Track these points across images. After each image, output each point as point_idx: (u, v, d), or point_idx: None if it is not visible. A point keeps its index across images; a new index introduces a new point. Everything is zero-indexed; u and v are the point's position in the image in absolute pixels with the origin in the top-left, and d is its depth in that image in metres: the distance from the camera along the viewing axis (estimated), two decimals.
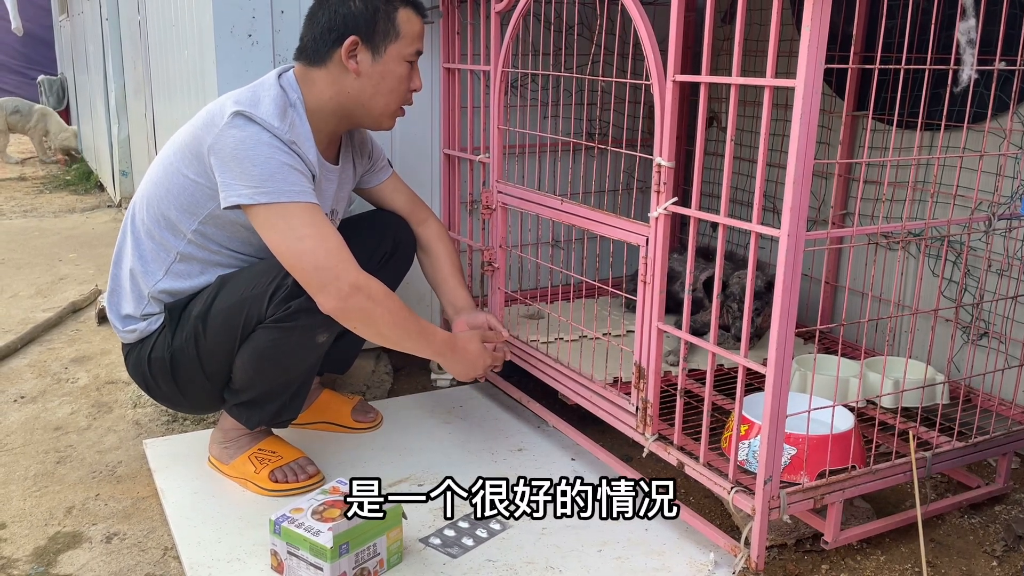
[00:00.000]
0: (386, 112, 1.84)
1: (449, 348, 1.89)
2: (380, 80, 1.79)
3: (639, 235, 1.72)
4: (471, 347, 1.93)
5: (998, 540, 1.79)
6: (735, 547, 1.61)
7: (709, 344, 1.59)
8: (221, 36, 2.16)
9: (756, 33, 2.41)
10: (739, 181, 2.65)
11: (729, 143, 1.49)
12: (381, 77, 1.79)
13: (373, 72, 1.78)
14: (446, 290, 2.13)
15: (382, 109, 1.83)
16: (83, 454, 2.16)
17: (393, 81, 1.80)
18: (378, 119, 1.86)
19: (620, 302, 2.59)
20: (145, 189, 1.86)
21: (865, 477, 1.64)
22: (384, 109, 1.83)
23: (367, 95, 1.80)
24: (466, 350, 1.92)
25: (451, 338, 1.91)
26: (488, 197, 2.21)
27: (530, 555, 1.69)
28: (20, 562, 1.72)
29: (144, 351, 1.86)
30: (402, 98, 1.85)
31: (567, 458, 2.09)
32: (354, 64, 1.76)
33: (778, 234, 1.41)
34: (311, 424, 2.21)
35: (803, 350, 2.26)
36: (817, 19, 1.30)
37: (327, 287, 1.66)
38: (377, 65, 1.78)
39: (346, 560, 1.54)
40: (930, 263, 2.20)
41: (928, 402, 1.91)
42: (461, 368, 1.93)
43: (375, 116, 1.85)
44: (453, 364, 1.92)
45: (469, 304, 2.11)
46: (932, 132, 2.13)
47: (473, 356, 1.93)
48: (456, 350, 1.90)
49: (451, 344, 1.90)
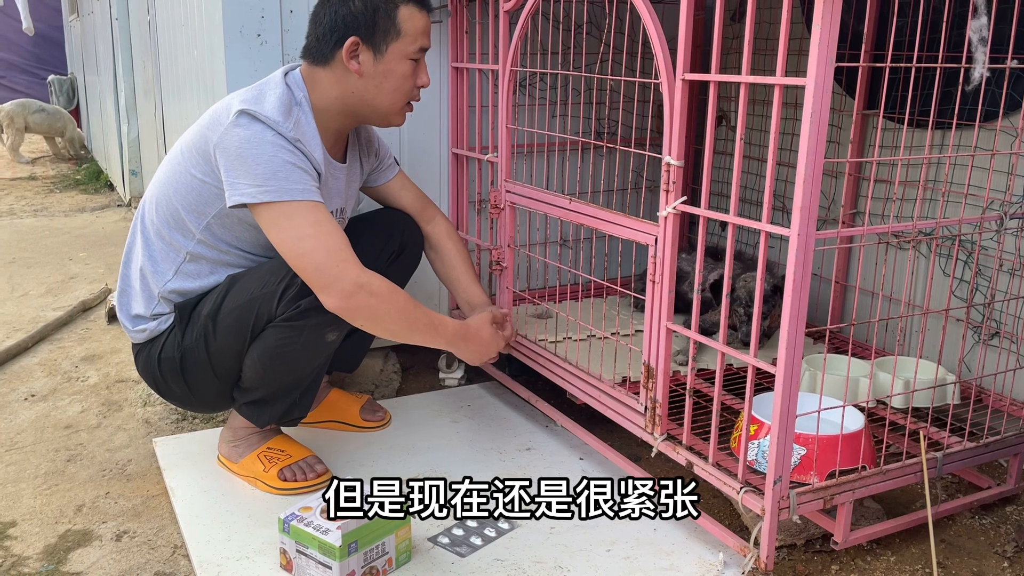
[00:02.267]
0: (392, 110, 1.83)
1: (461, 337, 1.88)
2: (383, 79, 1.78)
3: (648, 234, 1.71)
4: (483, 333, 1.93)
5: (1009, 541, 1.78)
6: (744, 547, 1.60)
7: (718, 344, 1.59)
8: (230, 36, 2.17)
9: (766, 32, 2.40)
10: (748, 180, 2.65)
11: (739, 142, 1.49)
12: (384, 76, 1.78)
13: (375, 72, 1.77)
14: (460, 288, 2.13)
15: (387, 108, 1.82)
16: (93, 452, 2.17)
17: (396, 80, 1.79)
18: (385, 116, 1.85)
19: (629, 301, 2.58)
20: (154, 189, 1.87)
21: (875, 477, 1.63)
22: (389, 108, 1.82)
23: (371, 94, 1.79)
24: (479, 336, 1.92)
25: (462, 326, 1.90)
26: (496, 196, 2.21)
27: (538, 554, 1.69)
28: (31, 560, 1.73)
29: (154, 351, 1.87)
30: (407, 95, 1.83)
31: (575, 457, 2.09)
32: (356, 65, 1.75)
33: (788, 233, 1.40)
34: (320, 423, 2.22)
35: (813, 350, 2.25)
36: (827, 17, 1.29)
37: (330, 287, 1.66)
38: (379, 64, 1.77)
39: (355, 559, 1.54)
40: (941, 262, 2.19)
41: (939, 402, 1.90)
42: (474, 353, 1.93)
43: (381, 114, 1.84)
44: (467, 350, 1.91)
45: (484, 300, 2.10)
46: (943, 131, 2.12)
47: (486, 341, 1.93)
48: (468, 338, 1.90)
49: (463, 333, 1.89)
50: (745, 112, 1.47)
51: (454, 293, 2.17)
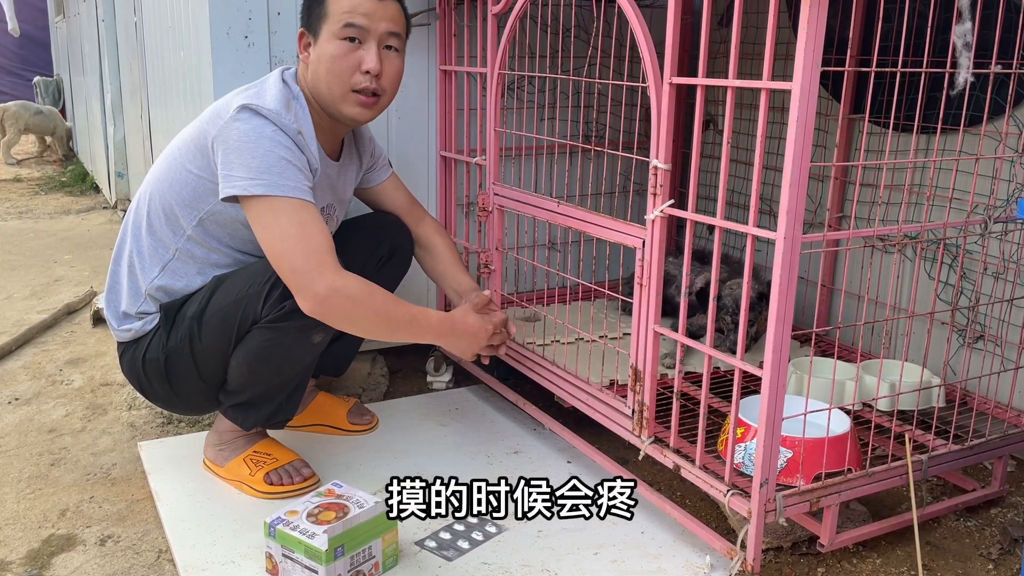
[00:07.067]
0: (334, 96, 1.77)
1: (448, 329, 1.84)
2: (318, 64, 1.76)
3: (635, 237, 1.72)
4: (469, 319, 1.87)
5: (994, 543, 1.79)
6: (731, 550, 1.61)
7: (705, 347, 1.59)
8: (217, 38, 2.16)
9: (753, 36, 2.41)
10: (735, 184, 2.66)
11: (726, 146, 1.49)
12: (318, 61, 1.76)
13: (314, 57, 1.77)
14: (448, 278, 2.10)
15: (329, 95, 1.77)
16: (77, 456, 2.15)
17: (328, 62, 1.74)
18: (337, 107, 1.79)
19: (616, 305, 2.59)
20: (148, 184, 1.87)
21: (861, 480, 1.64)
22: (331, 94, 1.77)
23: (314, 82, 1.78)
24: (464, 322, 1.86)
25: (447, 318, 1.85)
26: (484, 199, 2.21)
27: (526, 558, 1.69)
28: (14, 564, 1.71)
29: (139, 351, 1.86)
30: (344, 79, 1.76)
31: (563, 461, 2.09)
32: (306, 55, 1.79)
33: (774, 237, 1.41)
34: (307, 426, 2.21)
35: (799, 353, 2.26)
36: (814, 22, 1.30)
37: (303, 290, 1.65)
38: (315, 49, 1.77)
39: (341, 563, 1.54)
40: (926, 266, 2.21)
41: (924, 405, 1.91)
42: (465, 344, 1.87)
43: (332, 104, 1.78)
44: (456, 343, 1.86)
45: (472, 286, 2.07)
46: (928, 135, 2.14)
47: (473, 328, 1.86)
48: (455, 330, 1.84)
49: (448, 324, 1.84)
50: (732, 116, 1.47)
51: (443, 286, 2.14)
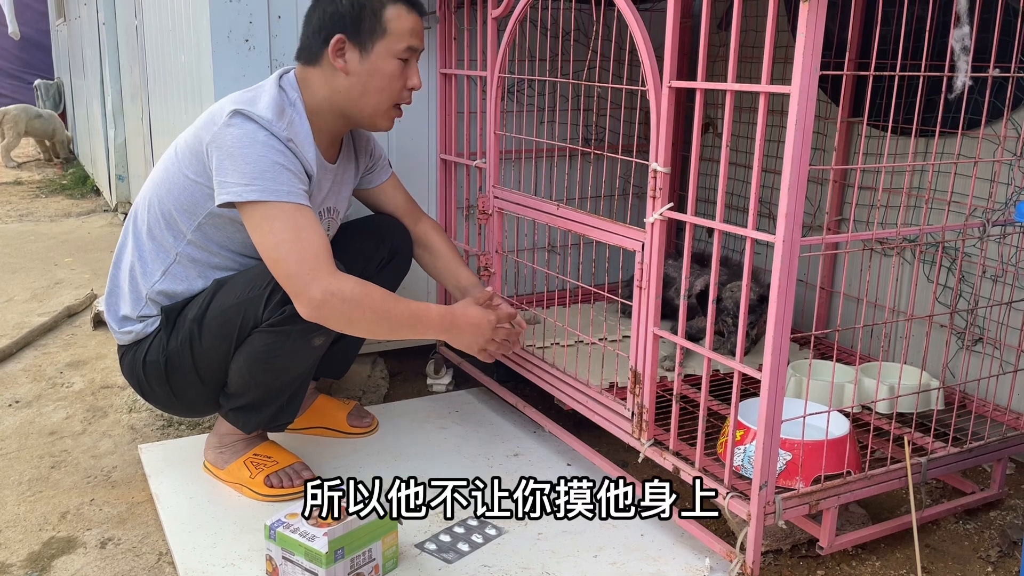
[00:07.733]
0: (377, 111, 1.82)
1: (449, 322, 1.82)
2: (368, 78, 1.78)
3: (635, 240, 1.72)
4: (470, 311, 1.85)
5: (993, 546, 1.79)
6: (731, 552, 1.61)
7: (705, 349, 1.59)
8: (218, 41, 2.16)
9: (752, 39, 2.42)
10: (735, 187, 2.66)
11: (725, 149, 1.50)
12: (369, 75, 1.77)
13: (361, 70, 1.77)
14: (449, 275, 2.11)
15: (373, 108, 1.81)
16: (78, 459, 2.16)
17: (382, 79, 1.78)
18: (371, 118, 1.84)
19: (616, 307, 2.59)
20: (147, 190, 1.87)
21: (860, 483, 1.64)
22: (375, 108, 1.81)
23: (356, 93, 1.79)
24: (465, 315, 1.84)
25: (447, 311, 1.83)
26: (484, 202, 2.21)
27: (526, 560, 1.69)
28: (14, 567, 1.71)
29: (139, 354, 1.86)
30: (395, 96, 1.82)
31: (563, 463, 2.09)
32: (342, 63, 1.76)
33: (773, 240, 1.41)
34: (307, 429, 2.21)
35: (798, 355, 2.26)
36: (812, 25, 1.30)
37: (299, 296, 1.65)
38: (365, 63, 1.77)
39: (341, 565, 1.54)
40: (925, 269, 2.21)
41: (923, 408, 1.91)
42: (469, 337, 1.85)
43: (367, 115, 1.83)
44: (459, 336, 1.84)
45: (473, 281, 2.07)
46: (927, 138, 2.14)
47: (475, 320, 1.84)
48: (456, 323, 1.83)
49: (450, 317, 1.82)
50: (731, 119, 1.48)
51: (445, 283, 2.14)
